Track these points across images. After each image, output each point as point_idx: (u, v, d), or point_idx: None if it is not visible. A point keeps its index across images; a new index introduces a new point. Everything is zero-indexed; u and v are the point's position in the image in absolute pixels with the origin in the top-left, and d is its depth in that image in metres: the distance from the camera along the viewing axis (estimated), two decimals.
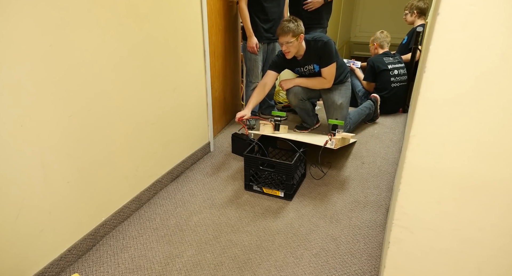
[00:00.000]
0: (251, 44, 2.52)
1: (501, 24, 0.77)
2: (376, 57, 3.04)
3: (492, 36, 0.79)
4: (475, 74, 0.83)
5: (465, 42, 0.81)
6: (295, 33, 2.14)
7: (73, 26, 1.26)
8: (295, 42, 2.17)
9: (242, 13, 2.46)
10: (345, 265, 1.46)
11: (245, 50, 2.63)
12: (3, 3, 1.04)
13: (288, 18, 2.17)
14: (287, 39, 2.14)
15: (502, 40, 0.78)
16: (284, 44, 2.18)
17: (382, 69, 2.96)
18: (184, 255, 1.52)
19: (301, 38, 2.20)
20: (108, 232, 1.64)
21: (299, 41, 2.19)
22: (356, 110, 2.78)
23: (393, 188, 1.95)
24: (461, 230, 0.96)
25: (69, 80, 1.29)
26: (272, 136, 2.11)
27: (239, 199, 1.92)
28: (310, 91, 2.50)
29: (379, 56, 3.04)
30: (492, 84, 0.82)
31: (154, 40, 1.70)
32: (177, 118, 2.02)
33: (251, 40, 2.51)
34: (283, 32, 2.14)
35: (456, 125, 0.88)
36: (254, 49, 2.52)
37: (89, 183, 1.48)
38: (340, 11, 5.59)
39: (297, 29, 2.14)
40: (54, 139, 1.28)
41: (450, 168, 0.92)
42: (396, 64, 3.01)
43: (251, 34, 2.49)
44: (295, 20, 2.16)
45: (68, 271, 1.43)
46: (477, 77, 0.83)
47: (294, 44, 2.18)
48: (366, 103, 2.85)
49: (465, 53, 0.82)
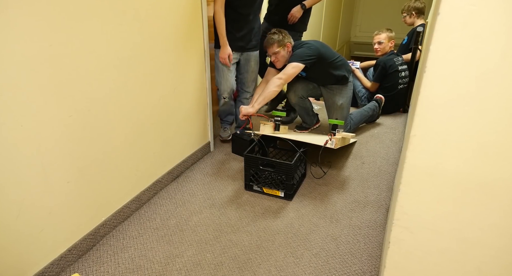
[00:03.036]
0: (224, 55, 2.19)
1: (502, 23, 0.77)
2: (386, 57, 2.99)
3: (493, 36, 0.79)
4: (476, 74, 0.83)
5: (465, 42, 0.81)
6: (280, 43, 2.23)
7: (73, 26, 1.26)
8: (281, 52, 2.25)
9: (218, 17, 2.11)
10: (345, 265, 1.46)
11: (217, 59, 2.29)
12: (3, 2, 1.03)
13: (272, 31, 2.26)
14: (273, 49, 2.24)
15: (503, 40, 0.78)
16: (272, 55, 2.27)
17: (393, 70, 2.94)
18: (184, 255, 1.52)
19: (288, 47, 2.27)
20: (108, 232, 1.64)
21: (286, 50, 2.26)
22: (359, 111, 2.75)
23: (393, 188, 1.95)
24: (461, 230, 0.96)
25: (69, 80, 1.29)
26: (272, 136, 2.11)
27: (239, 199, 1.92)
28: (310, 90, 2.50)
29: (389, 56, 2.99)
30: (493, 84, 0.82)
31: (154, 40, 1.70)
32: (177, 118, 2.02)
33: (224, 50, 2.18)
34: (269, 44, 2.25)
35: (457, 125, 0.88)
36: (226, 60, 2.21)
37: (89, 182, 1.48)
38: (340, 11, 5.59)
39: (283, 40, 2.24)
40: (54, 138, 1.28)
41: (450, 167, 0.92)
42: (403, 65, 3.00)
43: (225, 43, 2.17)
44: (279, 32, 2.25)
45: (68, 271, 1.43)
46: (478, 77, 0.83)
47: (281, 54, 2.25)
48: (371, 105, 2.82)
49: (465, 53, 0.82)
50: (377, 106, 2.84)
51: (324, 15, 4.67)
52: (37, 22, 1.14)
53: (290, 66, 2.17)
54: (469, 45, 0.81)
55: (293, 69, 2.17)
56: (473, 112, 0.85)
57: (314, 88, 2.51)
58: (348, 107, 2.54)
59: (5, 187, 1.15)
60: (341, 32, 6.01)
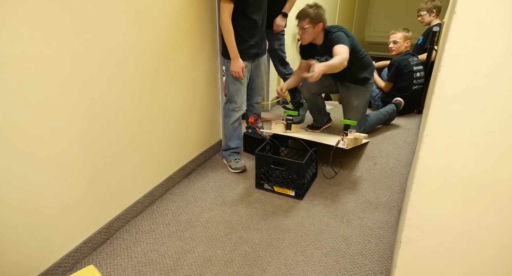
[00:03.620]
0: (237, 68, 2.00)
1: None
2: (401, 57, 2.94)
3: (510, 35, 0.78)
4: (491, 73, 0.81)
5: (481, 41, 0.80)
6: (313, 20, 2.10)
7: (88, 24, 1.30)
8: (310, 29, 2.13)
9: (228, 29, 1.89)
10: (356, 265, 1.46)
11: (228, 71, 2.08)
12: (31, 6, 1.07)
13: (311, 4, 2.12)
14: (303, 24, 2.12)
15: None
16: (300, 28, 2.15)
17: (408, 70, 2.90)
18: (195, 250, 1.54)
19: (319, 27, 2.14)
20: (122, 226, 1.67)
21: (316, 29, 2.13)
22: (376, 113, 2.69)
23: (406, 190, 1.93)
24: (474, 231, 0.95)
25: (84, 78, 1.33)
26: (284, 135, 2.12)
27: (250, 197, 1.93)
28: (325, 87, 2.44)
29: (404, 56, 2.94)
30: (508, 84, 0.81)
31: (170, 40, 1.72)
32: (190, 116, 2.04)
33: (236, 64, 1.99)
34: (302, 16, 2.12)
35: (471, 125, 0.87)
36: (240, 74, 2.02)
37: (104, 178, 1.51)
38: (354, 11, 5.54)
39: (316, 17, 2.09)
40: (71, 134, 1.32)
41: (464, 168, 0.91)
42: (418, 66, 2.95)
43: (237, 56, 1.97)
44: (317, 7, 2.10)
45: (84, 262, 1.47)
46: (493, 77, 0.81)
47: (309, 32, 2.14)
48: (389, 109, 2.76)
49: (480, 52, 0.81)
50: (395, 111, 2.77)
51: (338, 14, 4.64)
52: (54, 19, 1.17)
53: (343, 48, 2.03)
54: (485, 44, 0.80)
55: (347, 51, 2.04)
56: (487, 112, 0.84)
57: (330, 85, 2.46)
58: (364, 110, 2.48)
59: (24, 181, 1.19)
60: (355, 31, 5.95)
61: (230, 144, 2.22)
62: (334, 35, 2.12)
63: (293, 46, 3.28)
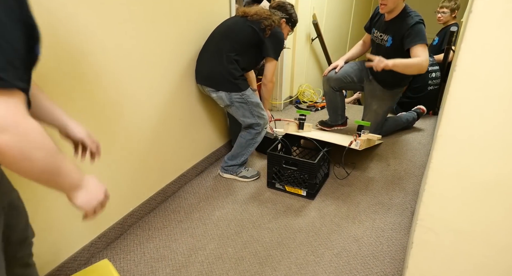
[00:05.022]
0: (268, 119, 2.08)
1: None
2: None
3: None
4: (507, 74, 0.80)
5: (499, 41, 0.79)
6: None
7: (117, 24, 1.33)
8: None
9: (271, 88, 2.03)
10: (367, 266, 1.45)
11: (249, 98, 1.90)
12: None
13: None
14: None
15: None
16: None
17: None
18: (207, 248, 1.55)
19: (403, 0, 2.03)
20: (135, 222, 1.71)
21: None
22: (395, 119, 2.61)
23: (419, 191, 1.90)
24: (488, 233, 0.93)
25: (99, 76, 1.36)
26: (296, 135, 2.12)
27: (261, 196, 1.94)
28: (345, 83, 2.34)
29: None
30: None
31: (185, 40, 1.75)
32: (203, 115, 2.07)
33: (267, 114, 2.04)
34: None
35: (485, 125, 0.85)
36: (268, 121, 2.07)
37: (118, 174, 1.54)
38: (370, 10, 5.48)
39: None
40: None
41: (478, 169, 0.89)
42: (434, 66, 2.89)
43: (266, 109, 2.11)
44: None
45: (98, 257, 1.50)
46: (509, 78, 0.80)
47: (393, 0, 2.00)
48: (409, 116, 2.66)
49: (498, 52, 0.80)
50: (415, 119, 2.68)
51: (353, 14, 4.60)
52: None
53: (422, 50, 1.93)
54: (503, 44, 0.79)
55: (426, 52, 1.95)
56: (503, 113, 0.82)
57: (352, 83, 2.36)
58: (384, 116, 2.40)
59: None
60: None
61: (241, 159, 2.05)
62: (417, 28, 1.97)
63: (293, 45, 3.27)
